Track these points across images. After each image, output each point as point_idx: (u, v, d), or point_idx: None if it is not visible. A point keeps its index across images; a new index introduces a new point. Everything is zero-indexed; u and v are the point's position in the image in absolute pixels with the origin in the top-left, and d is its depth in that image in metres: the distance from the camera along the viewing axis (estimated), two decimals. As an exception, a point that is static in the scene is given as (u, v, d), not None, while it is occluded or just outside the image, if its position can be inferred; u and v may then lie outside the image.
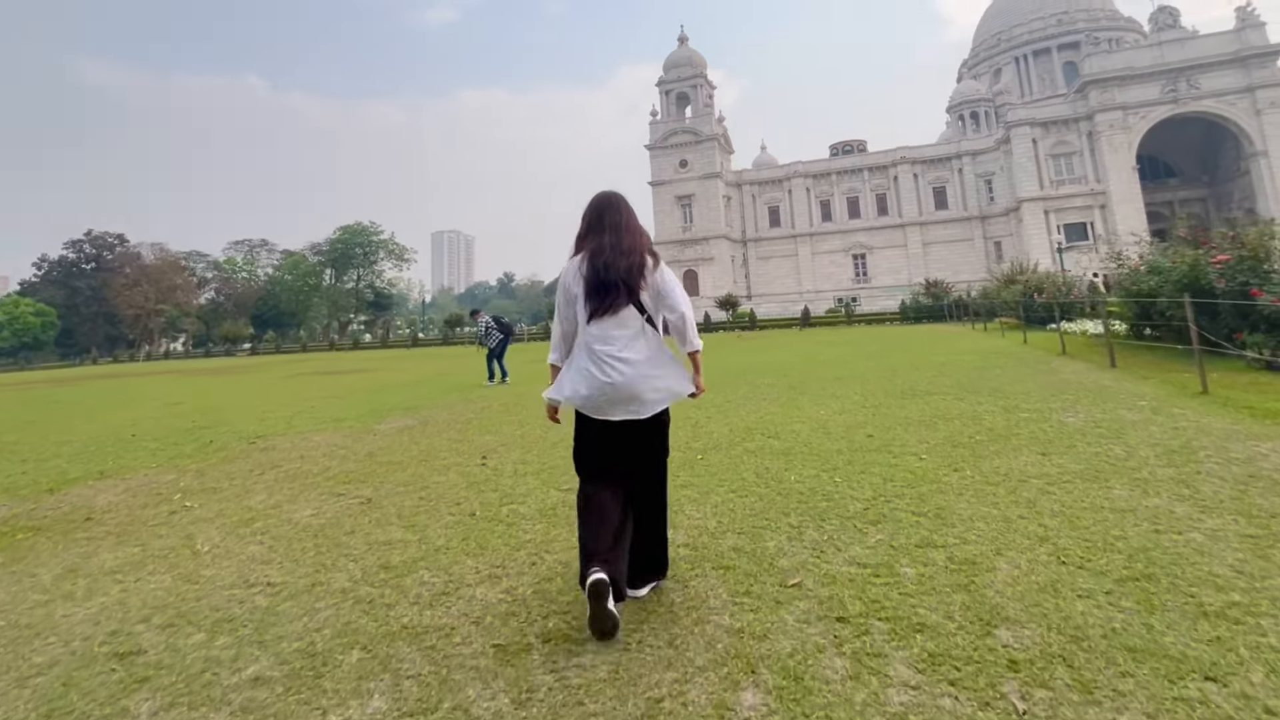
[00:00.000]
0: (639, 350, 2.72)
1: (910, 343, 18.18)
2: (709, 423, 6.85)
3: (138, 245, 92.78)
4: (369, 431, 7.58)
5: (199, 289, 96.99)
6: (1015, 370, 9.90)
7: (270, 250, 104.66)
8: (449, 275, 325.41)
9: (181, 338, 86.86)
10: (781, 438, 5.88)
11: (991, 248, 70.22)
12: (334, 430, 7.83)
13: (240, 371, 26.37)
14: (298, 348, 62.39)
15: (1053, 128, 62.93)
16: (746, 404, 8.03)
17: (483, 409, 9.03)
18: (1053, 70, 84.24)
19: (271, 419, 9.26)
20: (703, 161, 76.31)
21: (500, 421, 7.77)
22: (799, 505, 3.89)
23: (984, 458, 4.75)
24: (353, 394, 12.64)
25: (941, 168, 74.75)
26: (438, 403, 10.22)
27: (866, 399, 7.85)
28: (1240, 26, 54.07)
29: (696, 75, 78.14)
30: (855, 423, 6.37)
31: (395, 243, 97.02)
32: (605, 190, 2.96)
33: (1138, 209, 56.78)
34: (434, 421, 8.08)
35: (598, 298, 2.68)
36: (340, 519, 4.18)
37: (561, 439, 6.31)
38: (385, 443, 6.78)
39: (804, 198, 79.06)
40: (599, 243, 2.73)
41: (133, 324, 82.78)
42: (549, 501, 4.29)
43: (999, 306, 23.90)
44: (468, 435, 6.96)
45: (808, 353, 16.69)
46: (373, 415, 9.01)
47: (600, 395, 2.69)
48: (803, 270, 77.47)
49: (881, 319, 40.31)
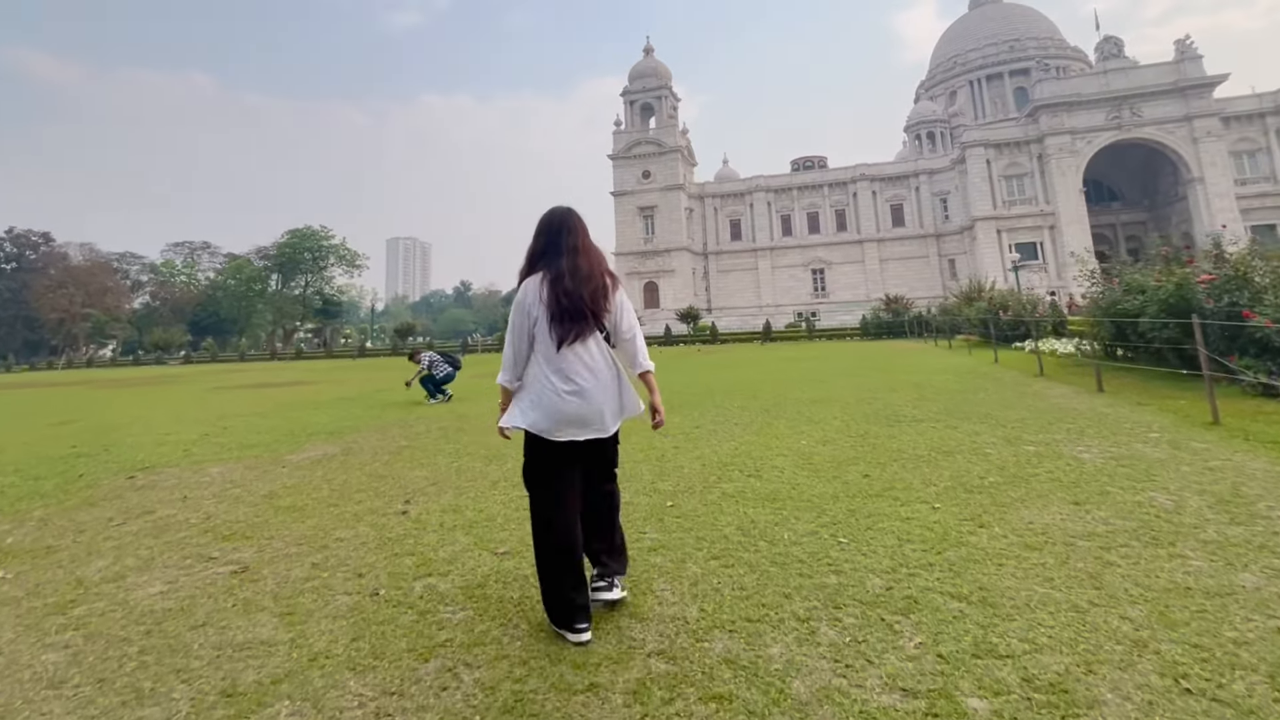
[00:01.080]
0: (602, 373, 2.73)
1: (878, 360, 17.70)
2: (676, 455, 5.96)
3: (65, 245, 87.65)
4: (278, 463, 6.44)
5: (132, 293, 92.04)
6: (999, 393, 9.31)
7: (213, 254, 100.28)
8: (404, 283, 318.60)
9: (110, 344, 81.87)
10: (763, 476, 5.02)
11: (946, 265, 71.74)
12: (237, 460, 6.66)
13: (163, 383, 24.39)
14: (235, 356, 59.30)
15: (1005, 149, 64.72)
16: (718, 431, 7.17)
17: (418, 434, 7.95)
18: (1004, 94, 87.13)
19: (170, 444, 7.99)
20: (666, 173, 76.08)
21: (435, 451, 6.72)
22: (802, 581, 3.01)
23: (1007, 507, 3.97)
24: (277, 411, 11.34)
25: (899, 185, 76.21)
26: (370, 424, 9.08)
27: (850, 426, 7.08)
28: (1179, 58, 56.61)
29: (661, 86, 78.03)
30: (845, 457, 5.56)
31: (347, 248, 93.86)
32: (559, 207, 2.88)
33: (1084, 230, 58.68)
34: (358, 450, 6.98)
35: (565, 326, 2.66)
36: (196, 600, 3.12)
37: (503, 477, 5.33)
38: (292, 479, 5.67)
39: (765, 212, 79.57)
40: (559, 267, 2.69)
41: (56, 329, 77.78)
42: (480, 573, 3.32)
43: (961, 324, 23.81)
44: (394, 469, 5.90)
45: (776, 370, 16.01)
46: (289, 440, 7.84)
47: (566, 420, 2.68)
48: (763, 284, 77.77)
49: (842, 334, 40.25)
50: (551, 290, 2.67)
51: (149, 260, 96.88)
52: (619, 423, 2.83)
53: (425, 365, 11.94)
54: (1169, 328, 9.17)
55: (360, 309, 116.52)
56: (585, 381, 2.68)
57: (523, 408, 2.77)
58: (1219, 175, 55.03)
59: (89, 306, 78.45)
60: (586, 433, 2.70)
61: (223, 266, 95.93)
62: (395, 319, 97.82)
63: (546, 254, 2.75)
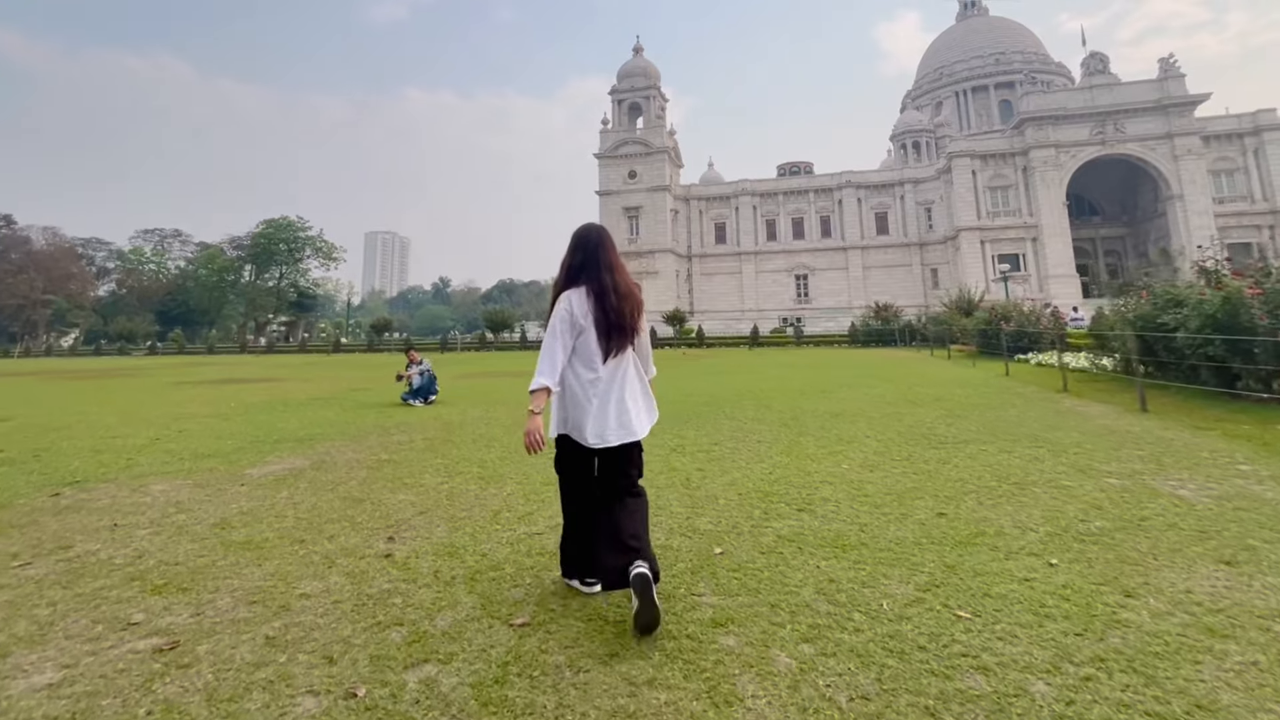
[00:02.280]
0: (634, 382, 2.96)
1: (881, 369, 17.07)
2: (704, 480, 5.14)
3: (27, 228, 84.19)
4: (235, 479, 5.49)
5: (97, 280, 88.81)
6: (1031, 410, 8.64)
7: (185, 242, 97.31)
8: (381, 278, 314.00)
9: (72, 333, 78.74)
10: (817, 511, 4.23)
11: (929, 274, 71.97)
12: (187, 475, 5.69)
13: (122, 375, 22.98)
14: (203, 349, 57.25)
15: (991, 160, 65.03)
16: (741, 450, 6.37)
17: (399, 445, 7.04)
18: (989, 106, 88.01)
19: (112, 450, 6.97)
20: (652, 174, 75.38)
21: (420, 468, 5.82)
22: (942, 686, 2.20)
23: (1141, 566, 3.21)
24: (242, 413, 10.31)
25: (884, 193, 76.33)
26: (345, 430, 8.13)
27: (889, 447, 6.33)
28: (1163, 76, 57.32)
29: (650, 87, 77.30)
30: (901, 487, 4.79)
31: (324, 240, 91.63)
32: (591, 224, 3.06)
33: (1066, 243, 59.14)
34: (331, 464, 6.05)
35: (611, 341, 2.85)
36: (96, 701, 2.22)
37: (505, 506, 4.48)
38: (251, 502, 4.74)
39: (750, 216, 79.26)
40: (602, 283, 2.87)
41: (14, 315, 74.63)
42: (494, 656, 2.46)
43: (956, 334, 23.35)
44: (373, 490, 5.00)
45: (776, 377, 15.28)
46: (252, 449, 6.87)
47: (606, 426, 2.82)
48: (746, 288, 77.44)
49: (830, 340, 39.73)
50: (599, 305, 2.83)
51: (116, 247, 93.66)
52: (649, 428, 2.97)
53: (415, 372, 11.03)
54: (1214, 344, 8.58)
55: (336, 303, 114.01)
56: (622, 388, 2.87)
57: (564, 417, 2.93)
58: (1198, 193, 55.77)
59: (50, 293, 75.44)
60: (622, 436, 2.84)
61: (194, 256, 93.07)
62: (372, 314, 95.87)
63: (585, 269, 2.91)
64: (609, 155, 76.51)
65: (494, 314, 58.04)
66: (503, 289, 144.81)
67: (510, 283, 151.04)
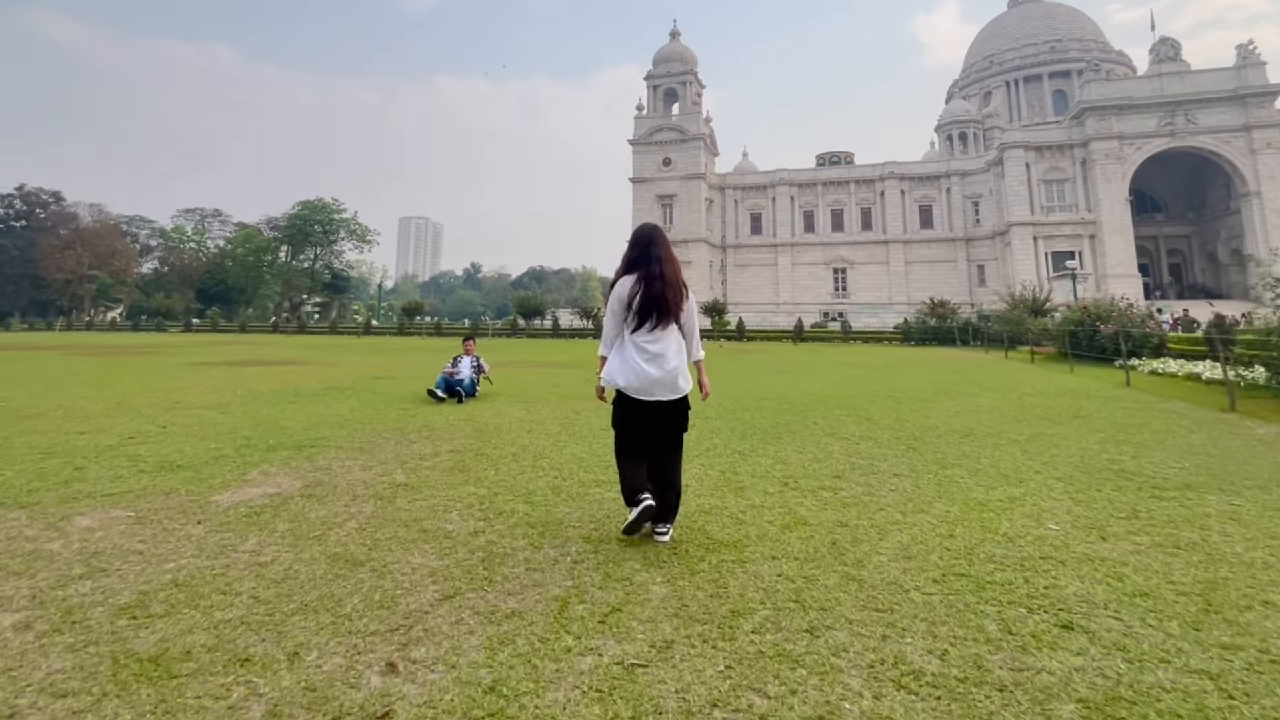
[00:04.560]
0: (674, 354, 3.54)
1: (964, 372, 15.14)
2: (857, 544, 3.47)
3: (74, 205, 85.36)
4: (195, 510, 3.98)
5: (140, 257, 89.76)
6: (1217, 436, 6.79)
7: (224, 221, 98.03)
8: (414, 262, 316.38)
9: (116, 308, 79.65)
10: (1095, 634, 2.54)
11: (975, 271, 68.84)
12: (136, 500, 4.19)
13: (145, 353, 22.01)
14: (236, 327, 57.02)
15: (1046, 152, 61.61)
16: (877, 487, 4.68)
17: (421, 457, 5.49)
18: (1043, 97, 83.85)
19: (66, 453, 5.55)
20: (687, 161, 73.17)
21: (447, 499, 4.25)
22: None
23: None
24: (245, 403, 8.91)
25: (929, 186, 73.08)
26: (356, 433, 6.63)
27: (1080, 490, 4.58)
28: (1241, 64, 53.43)
29: (687, 72, 75.03)
30: (1185, 577, 3.07)
31: (357, 223, 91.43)
32: (649, 223, 3.81)
33: (1127, 241, 55.78)
34: (328, 489, 4.51)
35: (650, 317, 3.50)
36: None
37: (575, 590, 2.86)
38: (199, 558, 3.22)
39: (788, 206, 76.61)
40: (651, 272, 3.52)
41: (62, 289, 75.61)
42: None
43: (1033, 334, 21.22)
44: (376, 545, 3.41)
45: (849, 378, 13.49)
46: (236, 458, 5.38)
47: (647, 384, 3.49)
48: (781, 280, 74.97)
49: (879, 337, 37.43)
50: (645, 290, 3.50)
51: (159, 225, 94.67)
52: (684, 392, 3.59)
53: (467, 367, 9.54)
54: None
55: (370, 286, 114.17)
56: (661, 355, 3.49)
57: (615, 372, 3.57)
58: (1278, 190, 51.83)
59: (95, 268, 76.29)
60: (660, 394, 3.52)
61: (232, 235, 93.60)
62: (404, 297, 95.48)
63: (639, 260, 3.57)
64: (643, 142, 74.55)
65: (525, 300, 56.80)
66: (533, 276, 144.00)
67: (541, 270, 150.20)
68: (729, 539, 3.50)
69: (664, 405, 3.53)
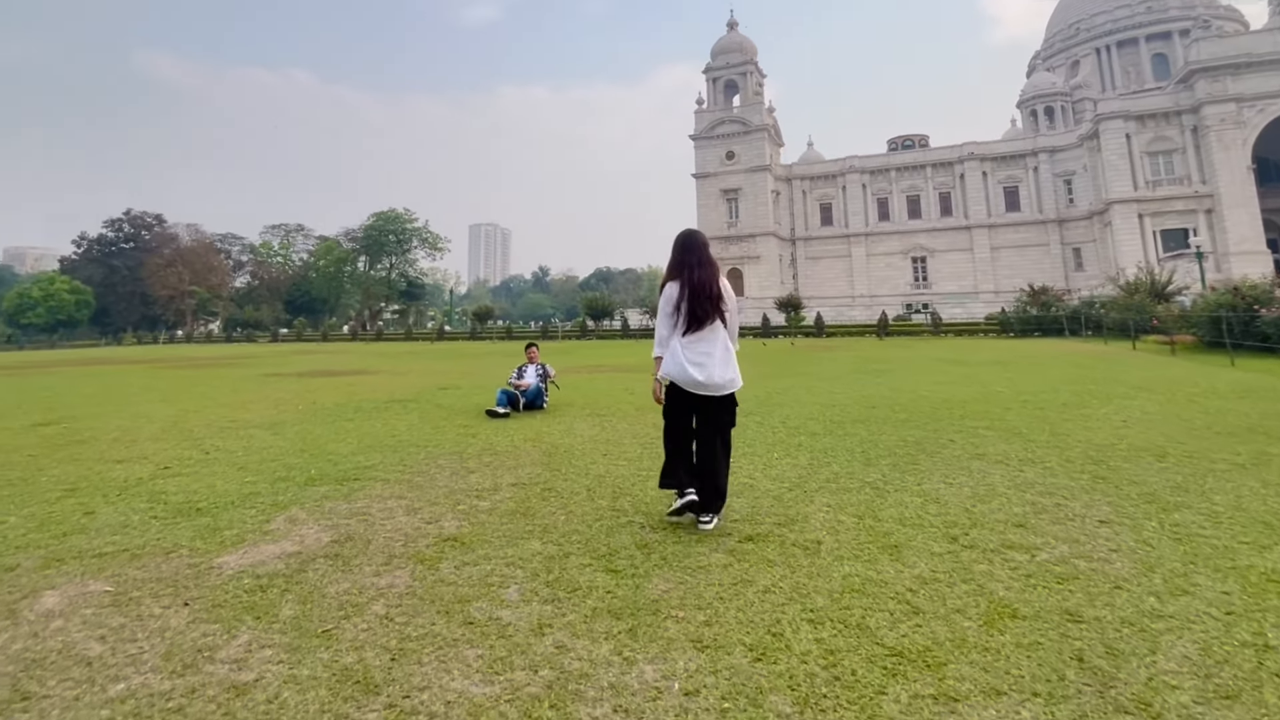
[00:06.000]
0: (719, 351, 3.82)
1: (1094, 368, 13.19)
2: (1112, 634, 2.32)
3: (174, 226, 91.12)
4: (193, 579, 3.18)
5: (234, 272, 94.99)
6: None
7: (306, 235, 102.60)
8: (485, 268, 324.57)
9: (215, 322, 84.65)
10: None
11: (1070, 254, 63.64)
12: (126, 565, 3.42)
13: (226, 364, 22.50)
14: (318, 336, 59.13)
15: (1150, 122, 56.11)
16: (1074, 531, 3.47)
17: (477, 495, 4.58)
18: (1139, 62, 76.68)
19: (89, 490, 4.96)
20: (751, 153, 70.73)
21: (503, 562, 3.30)
22: None
23: None
24: (301, 422, 8.32)
25: (1014, 165, 68.00)
26: (408, 459, 5.80)
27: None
28: (1388, 7, 46.97)
29: (746, 62, 72.58)
30: None
31: (429, 231, 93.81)
32: (688, 229, 4.07)
33: (1252, 215, 50.04)
34: (361, 543, 3.62)
35: (695, 321, 3.79)
36: None
37: None
38: (160, 678, 2.36)
39: (859, 195, 73.02)
40: (692, 279, 3.81)
41: (166, 305, 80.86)
42: None
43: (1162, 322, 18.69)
44: (404, 654, 2.47)
45: (963, 378, 11.87)
46: (266, 499, 4.61)
47: (693, 381, 3.76)
48: (856, 272, 71.51)
49: (972, 329, 34.60)
50: (689, 297, 3.79)
51: (248, 241, 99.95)
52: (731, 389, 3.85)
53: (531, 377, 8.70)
54: None
55: (445, 292, 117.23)
56: (705, 357, 3.77)
57: (668, 368, 3.85)
58: None
59: (195, 284, 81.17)
60: (706, 390, 3.78)
61: (315, 248, 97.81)
62: (477, 302, 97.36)
63: (678, 266, 3.87)
64: (705, 136, 72.67)
65: (593, 301, 56.35)
66: (600, 277, 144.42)
67: (607, 270, 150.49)
68: (910, 647, 2.34)
69: (711, 399, 3.82)
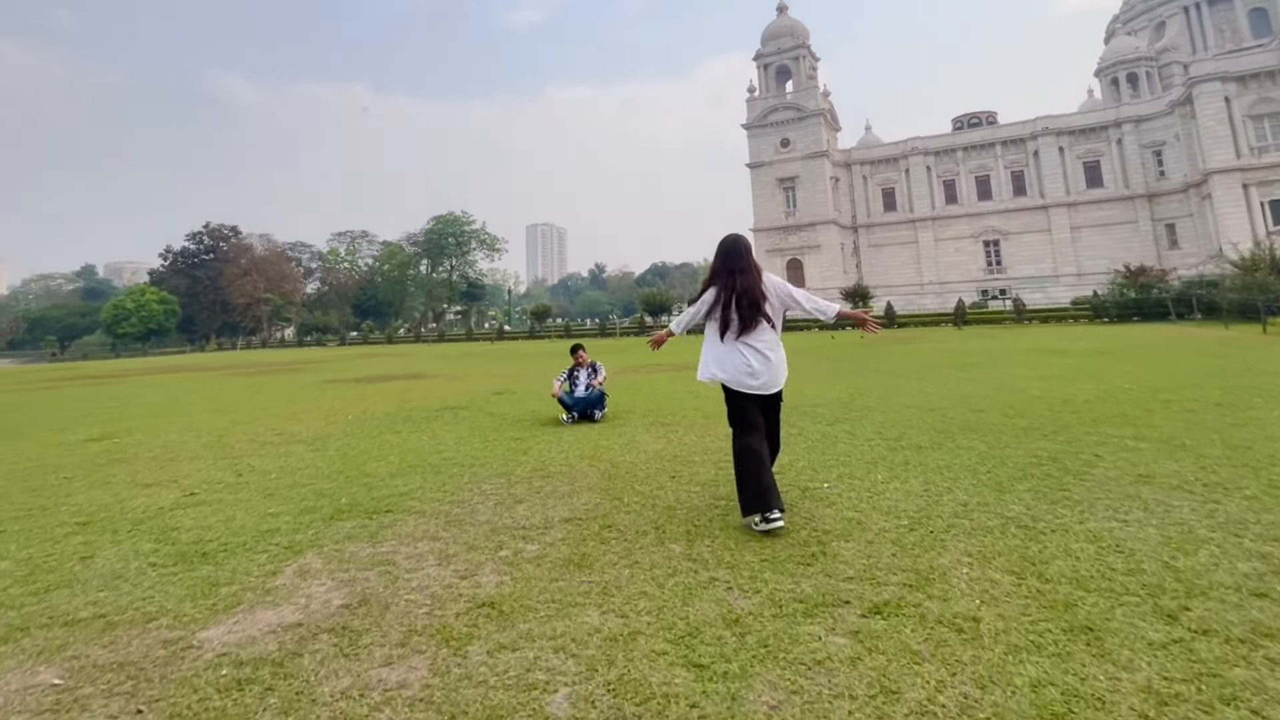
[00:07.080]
0: (769, 350, 3.91)
1: (1224, 356, 11.58)
2: None
3: (249, 236, 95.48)
4: (160, 667, 2.58)
5: (304, 279, 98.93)
6: None
7: (370, 241, 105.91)
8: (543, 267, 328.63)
9: (288, 327, 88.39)
10: None
11: (1163, 231, 58.77)
12: (90, 643, 2.82)
13: (290, 370, 22.86)
14: (384, 339, 60.61)
15: (1252, 83, 51.18)
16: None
17: (525, 538, 3.81)
18: (1235, 18, 69.99)
19: (96, 525, 4.54)
20: (807, 140, 68.22)
21: (551, 643, 2.56)
22: None
23: None
24: (345, 435, 7.88)
25: (1094, 138, 63.17)
26: (450, 483, 5.16)
27: None
28: None
29: (799, 46, 70.03)
30: None
31: (486, 233, 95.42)
32: (730, 235, 4.14)
33: (1378, 179, 44.85)
34: (374, 613, 2.93)
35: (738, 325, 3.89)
36: None
37: None
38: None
39: (924, 177, 69.52)
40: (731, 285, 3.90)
41: (244, 312, 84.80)
42: None
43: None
44: None
45: (1073, 372, 10.53)
46: (284, 538, 4.01)
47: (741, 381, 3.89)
48: (924, 259, 68.13)
49: (1059, 315, 31.94)
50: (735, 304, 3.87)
51: (317, 249, 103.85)
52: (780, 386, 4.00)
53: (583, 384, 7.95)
54: None
55: (504, 292, 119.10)
56: (751, 357, 3.87)
57: (715, 371, 3.98)
58: None
59: (269, 292, 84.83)
60: (761, 389, 3.90)
61: (379, 253, 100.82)
62: (535, 301, 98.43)
63: (722, 271, 3.96)
64: (758, 124, 70.63)
65: (651, 296, 55.71)
66: (655, 272, 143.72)
67: (663, 265, 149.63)
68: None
69: (764, 396, 3.95)
